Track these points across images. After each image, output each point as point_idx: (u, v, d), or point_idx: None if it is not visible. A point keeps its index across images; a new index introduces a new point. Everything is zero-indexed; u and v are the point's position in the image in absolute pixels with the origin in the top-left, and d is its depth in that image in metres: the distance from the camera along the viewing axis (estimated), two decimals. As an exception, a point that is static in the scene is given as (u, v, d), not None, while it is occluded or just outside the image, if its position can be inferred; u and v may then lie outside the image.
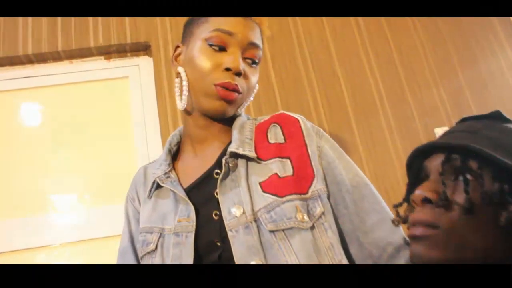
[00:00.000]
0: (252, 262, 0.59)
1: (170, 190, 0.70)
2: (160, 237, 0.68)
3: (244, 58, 0.71)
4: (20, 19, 1.63)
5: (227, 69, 0.68)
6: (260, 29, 0.76)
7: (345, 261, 0.63)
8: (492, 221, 0.45)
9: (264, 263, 0.60)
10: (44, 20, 1.63)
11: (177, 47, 0.79)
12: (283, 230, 0.61)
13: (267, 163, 0.67)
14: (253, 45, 0.72)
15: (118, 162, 1.54)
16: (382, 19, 1.78)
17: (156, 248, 0.68)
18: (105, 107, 1.61)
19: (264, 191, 0.64)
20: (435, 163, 0.52)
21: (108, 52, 1.64)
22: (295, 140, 0.70)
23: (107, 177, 1.52)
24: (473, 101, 1.69)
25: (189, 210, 0.66)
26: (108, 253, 1.34)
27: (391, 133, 1.61)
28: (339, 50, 1.69)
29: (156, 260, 0.67)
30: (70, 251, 1.42)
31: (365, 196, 0.68)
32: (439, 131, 1.63)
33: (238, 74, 0.69)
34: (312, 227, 0.63)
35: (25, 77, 1.61)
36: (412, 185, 0.57)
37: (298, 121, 0.73)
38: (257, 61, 0.73)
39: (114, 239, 1.28)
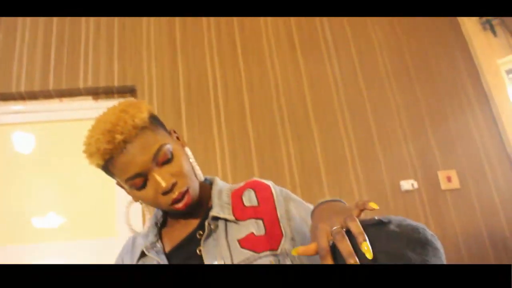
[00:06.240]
0: None
1: (154, 258, 0.81)
2: None
3: (162, 165, 0.76)
4: (16, 57, 1.71)
5: (164, 193, 0.76)
6: (144, 128, 0.74)
7: None
8: None
9: None
10: (38, 59, 1.72)
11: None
12: None
13: (244, 223, 0.79)
14: (159, 159, 0.74)
15: (96, 197, 1.64)
16: (360, 76, 1.86)
17: None
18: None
19: (242, 247, 0.74)
20: None
21: (96, 93, 1.74)
22: (267, 203, 0.81)
23: (83, 211, 1.61)
24: (440, 156, 1.78)
25: None
26: None
27: (359, 184, 1.71)
28: (316, 105, 1.78)
29: None
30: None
31: None
32: (404, 184, 1.74)
33: (173, 185, 0.76)
34: None
35: (17, 113, 1.71)
36: None
37: (270, 187, 0.85)
38: (169, 158, 0.75)
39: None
